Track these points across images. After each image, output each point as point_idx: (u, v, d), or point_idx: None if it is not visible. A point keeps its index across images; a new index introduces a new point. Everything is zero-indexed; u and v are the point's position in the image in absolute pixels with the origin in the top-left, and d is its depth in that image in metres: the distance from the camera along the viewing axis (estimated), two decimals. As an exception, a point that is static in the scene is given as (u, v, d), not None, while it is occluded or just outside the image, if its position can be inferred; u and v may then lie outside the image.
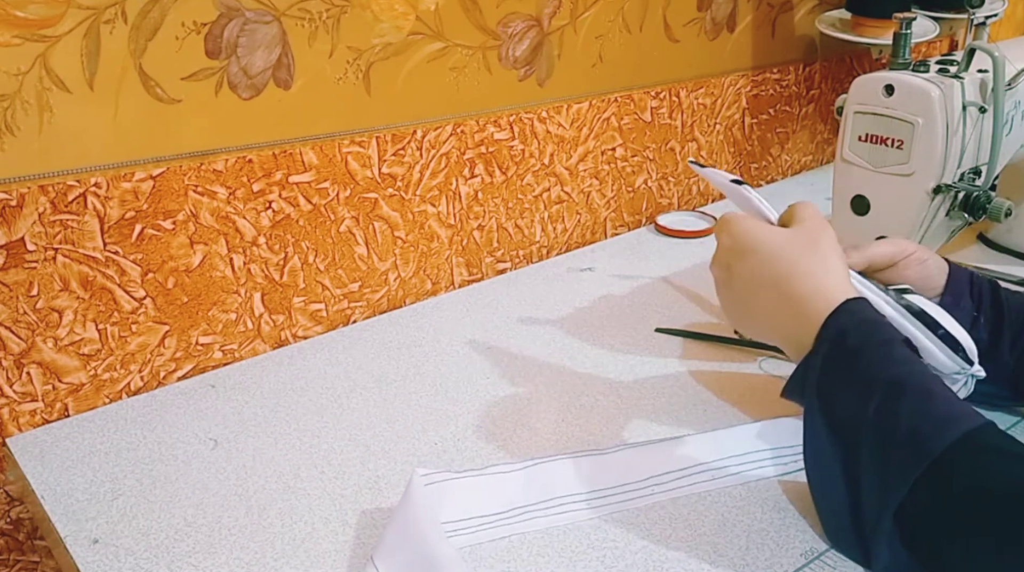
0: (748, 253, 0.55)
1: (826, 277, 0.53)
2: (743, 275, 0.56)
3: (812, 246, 0.54)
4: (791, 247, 0.54)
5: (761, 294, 0.55)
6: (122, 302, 0.71)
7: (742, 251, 0.56)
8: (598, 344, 0.79)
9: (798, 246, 0.54)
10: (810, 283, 0.53)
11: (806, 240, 0.55)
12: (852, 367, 0.50)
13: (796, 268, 0.53)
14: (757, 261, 0.55)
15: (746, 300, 0.57)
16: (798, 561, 0.52)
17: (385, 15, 0.78)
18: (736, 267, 0.56)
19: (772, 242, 0.55)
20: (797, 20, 1.18)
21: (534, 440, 0.65)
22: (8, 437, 0.67)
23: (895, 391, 0.47)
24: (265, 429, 0.67)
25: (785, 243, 0.55)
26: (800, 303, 0.53)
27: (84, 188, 0.66)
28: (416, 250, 0.88)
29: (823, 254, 0.54)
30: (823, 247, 0.54)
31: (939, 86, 0.70)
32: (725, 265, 0.58)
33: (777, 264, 0.54)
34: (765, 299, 0.55)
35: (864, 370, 0.49)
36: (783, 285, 0.54)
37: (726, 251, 0.57)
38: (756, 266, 0.55)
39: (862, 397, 0.48)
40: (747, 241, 0.56)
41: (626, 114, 1.02)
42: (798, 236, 0.55)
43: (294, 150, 0.76)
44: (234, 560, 0.54)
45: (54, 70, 0.63)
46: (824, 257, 0.54)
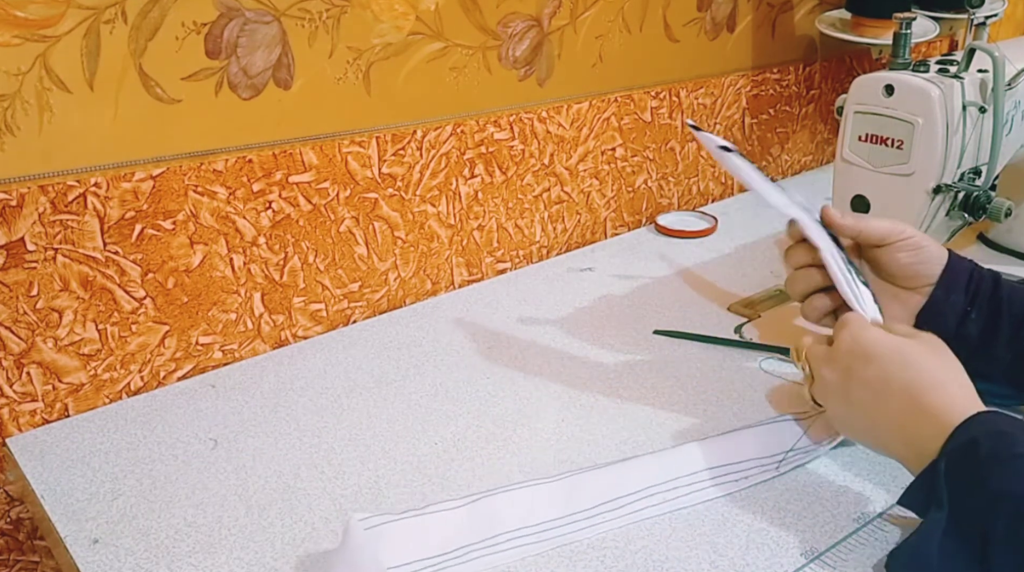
0: (874, 358, 0.54)
1: (959, 390, 0.52)
2: (866, 380, 0.54)
3: (940, 357, 0.54)
4: (922, 357, 0.53)
5: (890, 400, 0.53)
6: (122, 302, 0.71)
7: (867, 356, 0.54)
8: (598, 344, 0.79)
9: (928, 356, 0.53)
10: (943, 394, 0.51)
11: (933, 351, 0.54)
12: (981, 477, 0.47)
13: (929, 378, 0.52)
14: (884, 368, 0.53)
15: (868, 405, 0.54)
16: (798, 561, 0.52)
17: (385, 15, 0.78)
18: (859, 371, 0.55)
19: (902, 350, 0.54)
20: (797, 20, 1.18)
21: (534, 440, 0.65)
22: (8, 437, 0.67)
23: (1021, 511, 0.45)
24: (265, 429, 0.67)
25: (915, 352, 0.53)
26: (932, 412, 0.51)
27: (84, 188, 0.66)
28: (416, 250, 0.88)
29: (952, 367, 0.53)
30: (950, 360, 0.54)
31: (939, 86, 0.70)
32: (844, 368, 0.56)
33: (909, 372, 0.53)
34: (894, 405, 0.53)
35: (994, 482, 0.46)
36: (915, 393, 0.52)
37: (846, 353, 0.56)
38: (884, 373, 0.53)
39: (991, 510, 0.46)
40: (873, 347, 0.54)
41: (626, 114, 1.02)
42: (924, 345, 0.54)
43: (294, 150, 0.76)
44: (234, 560, 0.54)
45: (54, 70, 0.63)
46: (955, 370, 0.53)
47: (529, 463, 0.62)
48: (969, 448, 0.48)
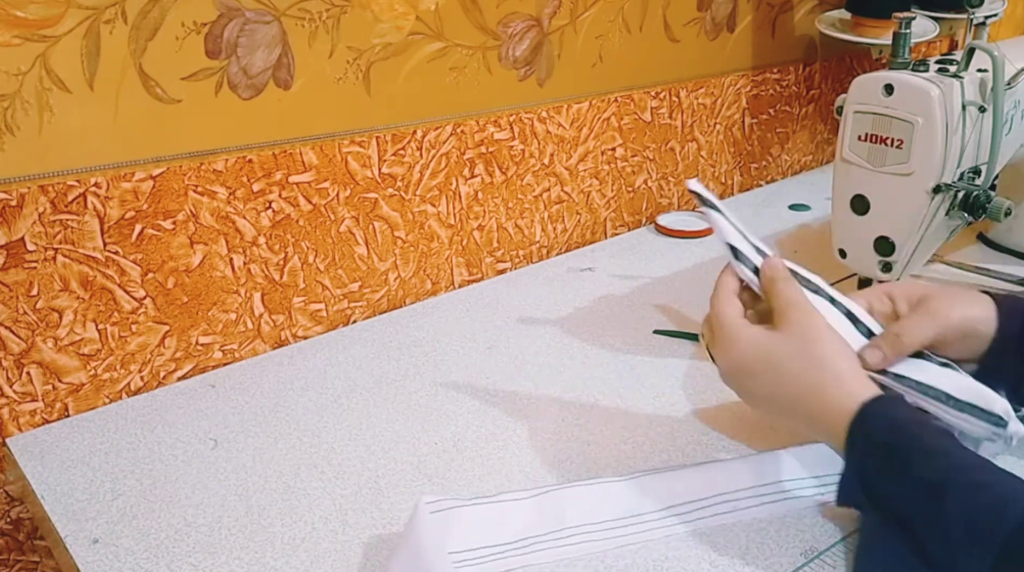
0: (754, 372, 0.53)
1: (837, 386, 0.50)
2: (756, 393, 0.54)
3: (807, 351, 0.52)
4: (790, 360, 0.52)
5: (784, 413, 0.53)
6: (122, 302, 0.71)
7: (748, 372, 0.54)
8: (598, 344, 0.79)
9: (796, 357, 0.52)
10: (822, 398, 0.51)
11: (799, 344, 0.52)
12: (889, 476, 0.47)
13: (801, 384, 0.51)
14: (764, 380, 0.53)
15: (774, 416, 0.55)
16: (798, 561, 0.52)
17: (385, 15, 0.78)
18: (748, 386, 0.54)
19: (770, 357, 0.52)
20: (797, 20, 1.18)
21: (534, 440, 0.65)
22: (8, 437, 0.67)
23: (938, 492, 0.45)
24: (265, 429, 0.67)
25: (782, 355, 0.52)
26: (820, 419, 0.51)
27: (84, 188, 0.66)
28: (416, 250, 0.88)
29: (821, 359, 0.51)
30: (819, 350, 0.51)
31: (939, 85, 0.70)
32: (737, 384, 0.55)
33: (783, 384, 0.52)
34: (789, 418, 0.53)
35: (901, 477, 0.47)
36: (799, 404, 0.52)
37: (731, 371, 0.55)
38: (765, 385, 0.53)
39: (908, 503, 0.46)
40: (746, 359, 0.53)
41: (626, 114, 1.02)
42: (790, 341, 0.52)
43: (294, 150, 0.76)
44: (234, 560, 0.54)
45: (54, 70, 0.63)
46: (824, 361, 0.51)
47: (529, 463, 0.62)
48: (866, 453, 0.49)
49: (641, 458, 0.62)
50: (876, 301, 0.58)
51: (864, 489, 0.49)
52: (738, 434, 0.65)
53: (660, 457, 0.62)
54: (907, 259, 0.76)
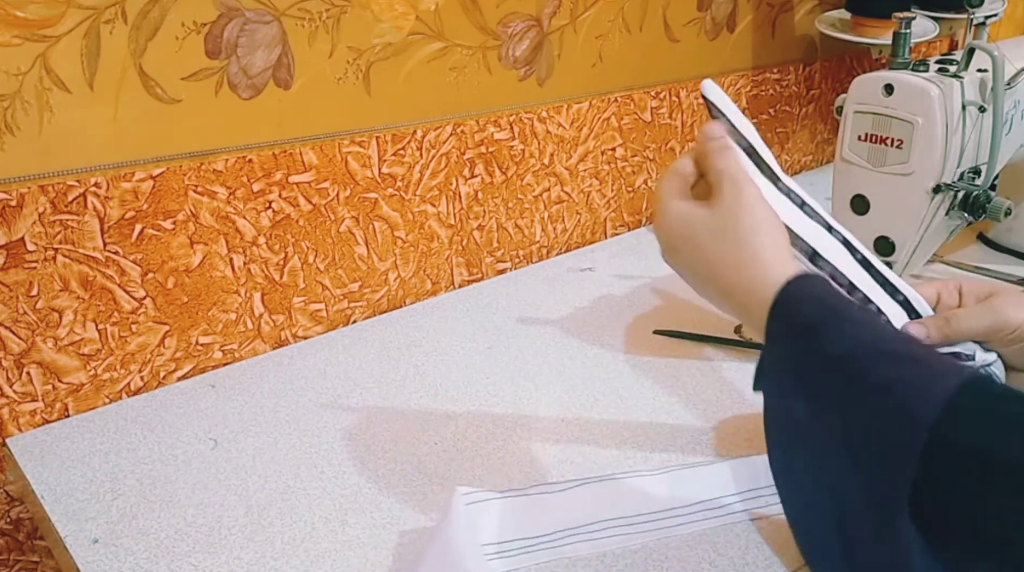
0: (679, 248, 0.51)
1: (755, 265, 0.48)
2: (683, 270, 0.53)
3: (731, 227, 0.49)
4: (712, 235, 0.49)
5: (706, 290, 0.52)
6: (122, 302, 0.71)
7: (675, 247, 0.52)
8: (598, 344, 0.79)
9: (718, 233, 0.49)
10: (741, 275, 0.48)
11: (725, 219, 0.49)
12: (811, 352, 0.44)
13: (722, 261, 0.49)
14: (688, 256, 0.51)
15: (700, 292, 0.53)
16: (798, 560, 0.52)
17: (385, 15, 0.78)
18: (676, 263, 0.53)
19: (694, 232, 0.50)
20: (797, 20, 1.18)
21: (534, 440, 0.65)
22: (8, 437, 0.67)
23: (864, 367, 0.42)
24: (265, 429, 0.67)
25: (705, 231, 0.50)
26: (739, 296, 0.49)
27: (84, 188, 0.66)
28: (416, 250, 0.88)
29: (744, 233, 0.48)
30: (743, 223, 0.48)
31: (938, 85, 0.70)
32: (670, 261, 0.54)
33: (705, 259, 0.50)
34: (711, 295, 0.52)
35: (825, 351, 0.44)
36: (718, 282, 0.50)
37: (664, 247, 0.53)
38: (690, 261, 0.51)
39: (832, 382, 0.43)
40: (674, 235, 0.52)
41: (626, 114, 1.02)
42: (716, 216, 0.50)
43: (294, 150, 0.76)
44: (234, 560, 0.54)
45: (54, 70, 0.63)
46: (746, 237, 0.48)
47: (529, 463, 0.62)
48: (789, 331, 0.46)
49: (641, 458, 0.62)
50: (945, 293, 0.56)
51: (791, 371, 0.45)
52: (738, 434, 0.65)
53: (660, 457, 0.62)
54: (907, 259, 0.76)
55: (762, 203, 0.50)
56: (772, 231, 0.49)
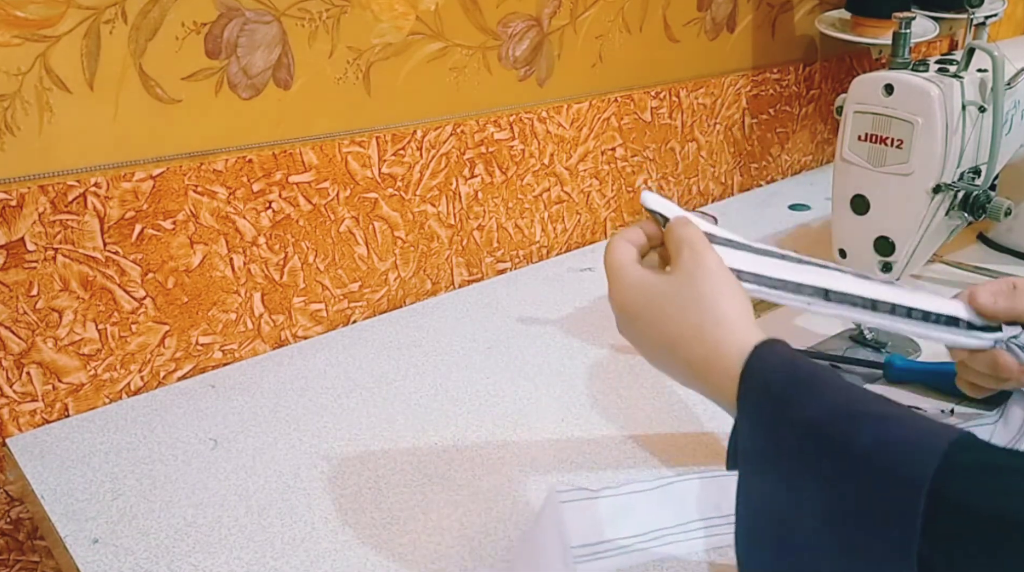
0: (636, 318, 0.48)
1: (717, 330, 0.45)
2: (642, 342, 0.49)
3: (692, 293, 0.46)
4: (672, 302, 0.46)
5: (666, 362, 0.48)
6: (122, 302, 0.71)
7: (632, 316, 0.49)
8: (598, 344, 0.79)
9: (679, 298, 0.46)
10: (704, 345, 0.45)
11: (685, 285, 0.46)
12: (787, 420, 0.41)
13: (683, 330, 0.46)
14: (648, 327, 0.48)
15: (659, 366, 0.50)
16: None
17: (385, 15, 0.78)
18: (633, 334, 0.50)
19: (654, 299, 0.47)
20: (797, 20, 1.18)
21: (534, 440, 0.65)
22: (8, 437, 0.67)
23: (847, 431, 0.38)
24: (265, 429, 0.67)
25: (665, 299, 0.47)
26: (703, 370, 0.45)
27: (84, 188, 0.66)
28: (416, 250, 0.88)
29: (707, 299, 0.45)
30: (704, 289, 0.46)
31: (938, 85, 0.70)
32: (626, 332, 0.51)
33: (666, 329, 0.47)
34: (672, 368, 0.48)
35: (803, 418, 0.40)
36: (680, 353, 0.46)
37: (619, 316, 0.50)
38: (649, 333, 0.48)
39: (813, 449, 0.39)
40: (631, 304, 0.48)
41: (626, 114, 1.02)
42: (675, 282, 0.47)
43: (294, 150, 0.76)
44: (234, 560, 0.54)
45: (54, 70, 0.63)
46: (709, 303, 0.45)
47: (529, 463, 0.62)
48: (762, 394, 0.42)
49: (641, 458, 0.62)
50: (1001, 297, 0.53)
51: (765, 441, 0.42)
52: (738, 434, 0.65)
53: (660, 457, 0.62)
54: (907, 259, 0.76)
55: (723, 268, 0.47)
56: (735, 296, 0.46)
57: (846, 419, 0.39)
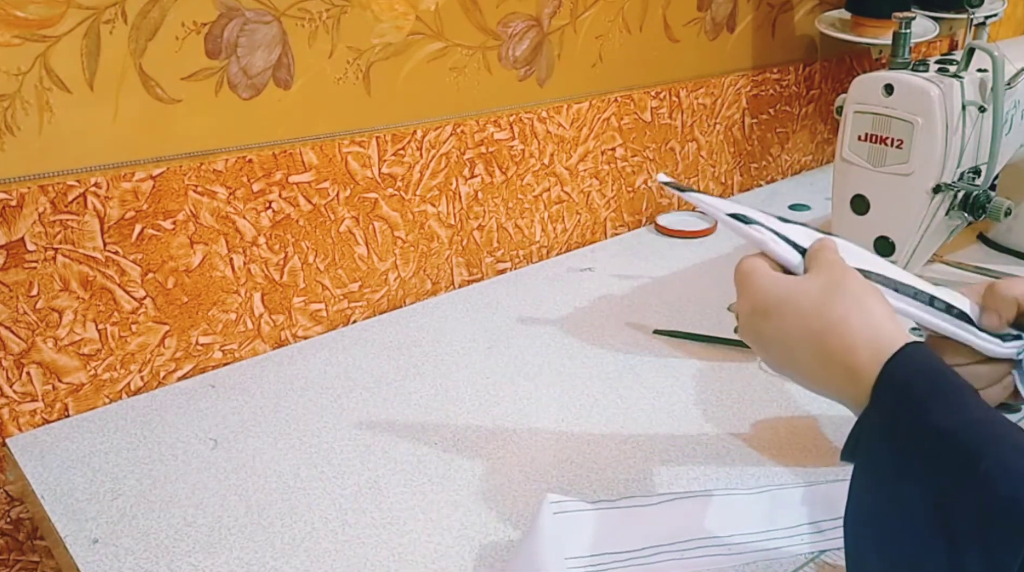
0: (771, 312, 0.49)
1: (865, 319, 0.45)
2: (773, 336, 0.49)
3: (837, 287, 0.47)
4: (816, 295, 0.47)
5: (799, 354, 0.48)
6: (122, 302, 0.71)
7: (765, 311, 0.49)
8: (598, 344, 0.79)
9: (824, 292, 0.47)
10: (849, 333, 0.45)
11: (830, 283, 0.48)
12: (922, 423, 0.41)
13: (827, 318, 0.46)
14: (783, 319, 0.48)
15: (787, 362, 0.50)
16: (798, 561, 0.52)
17: (385, 15, 0.78)
18: (764, 328, 0.49)
19: (794, 294, 0.48)
20: (797, 20, 1.18)
21: (534, 440, 0.65)
22: (8, 437, 0.67)
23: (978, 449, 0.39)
24: (265, 429, 0.67)
25: (808, 292, 0.48)
26: (843, 357, 0.45)
27: (84, 188, 0.66)
28: (416, 250, 0.88)
29: (854, 293, 0.47)
30: (850, 285, 0.47)
31: (938, 85, 0.70)
32: (754, 329, 0.50)
33: (806, 318, 0.47)
34: (804, 359, 0.48)
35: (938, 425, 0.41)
36: (819, 341, 0.46)
37: (748, 315, 0.50)
38: (783, 324, 0.48)
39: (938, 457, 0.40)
40: (766, 299, 0.49)
41: (626, 114, 1.02)
42: (819, 280, 0.48)
43: (294, 150, 0.76)
44: (234, 560, 0.54)
45: (54, 70, 0.63)
46: (856, 296, 0.46)
47: (529, 463, 0.62)
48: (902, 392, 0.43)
49: (641, 458, 0.62)
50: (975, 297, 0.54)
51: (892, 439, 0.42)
52: (739, 434, 0.65)
53: (660, 457, 0.62)
54: (907, 259, 0.76)
55: (864, 278, 0.48)
56: (881, 297, 0.47)
57: (977, 438, 0.39)
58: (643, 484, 0.59)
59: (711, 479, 0.60)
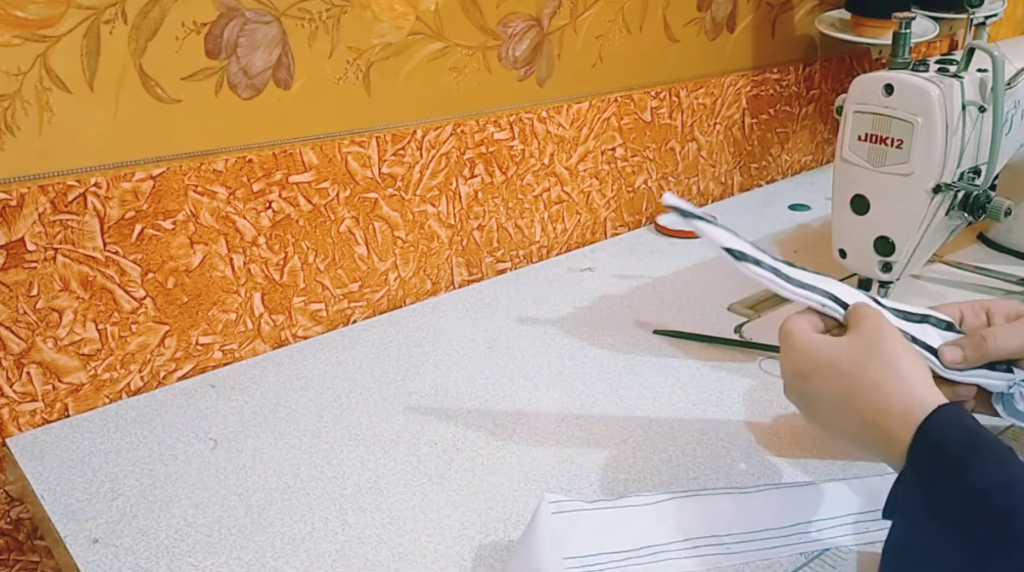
0: (812, 374, 0.50)
1: (899, 384, 0.47)
2: (814, 398, 0.51)
3: (874, 351, 0.48)
4: (853, 359, 0.49)
5: (837, 417, 0.50)
6: (122, 302, 0.71)
7: (806, 374, 0.51)
8: (598, 344, 0.79)
9: (860, 356, 0.48)
10: (882, 396, 0.47)
11: (866, 346, 0.49)
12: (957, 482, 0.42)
13: (862, 382, 0.48)
14: (822, 382, 0.50)
15: (828, 423, 0.51)
16: (798, 561, 0.52)
17: (385, 15, 0.78)
18: (806, 391, 0.51)
19: (831, 357, 0.49)
20: (797, 20, 1.18)
21: (534, 440, 0.65)
22: (8, 437, 0.67)
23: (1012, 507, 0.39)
24: (265, 429, 0.67)
25: (845, 355, 0.49)
26: (878, 419, 0.47)
27: (84, 188, 0.66)
28: (416, 250, 0.88)
29: (889, 357, 0.48)
30: (886, 349, 0.48)
31: (938, 85, 0.70)
32: (797, 391, 0.52)
33: (843, 381, 0.49)
34: (843, 421, 0.49)
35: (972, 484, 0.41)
36: (855, 404, 0.48)
37: (792, 377, 0.52)
38: (823, 388, 0.50)
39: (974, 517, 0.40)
40: (807, 361, 0.51)
41: (626, 114, 1.02)
42: (856, 342, 0.49)
43: (294, 150, 0.76)
44: (234, 560, 0.54)
45: (54, 70, 0.63)
46: (891, 361, 0.48)
47: (529, 463, 0.62)
48: (935, 451, 0.44)
49: (641, 458, 0.62)
50: (970, 313, 0.55)
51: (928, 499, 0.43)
52: (739, 434, 0.65)
53: (660, 457, 0.62)
54: (907, 259, 0.76)
55: (902, 338, 0.50)
56: (916, 360, 0.49)
57: (1012, 494, 0.40)
58: (642, 484, 0.59)
59: (711, 479, 0.60)
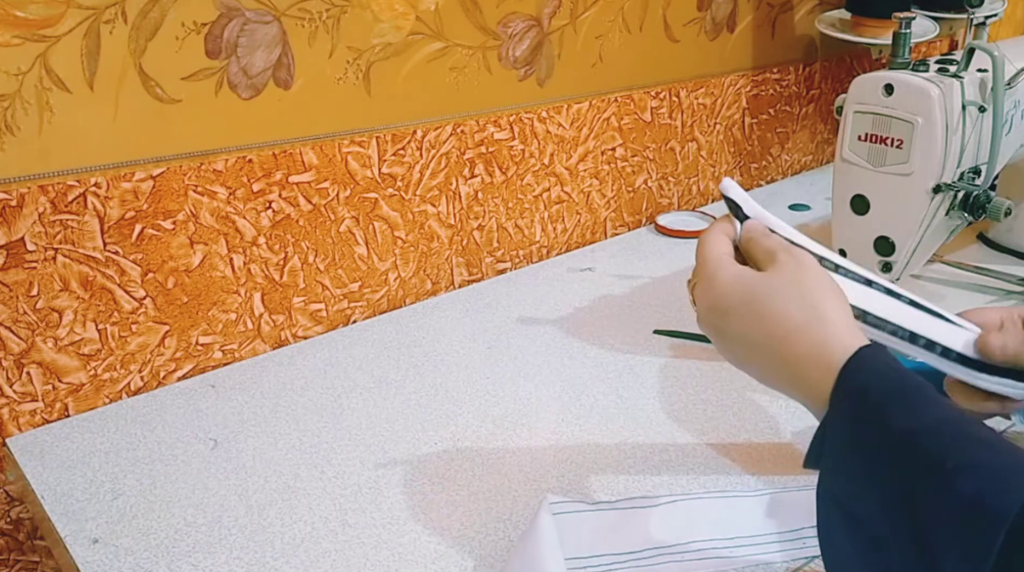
0: (730, 312, 0.47)
1: (820, 328, 0.44)
2: (731, 336, 0.48)
3: (798, 292, 0.46)
4: (773, 299, 0.46)
5: (756, 357, 0.47)
6: (122, 302, 0.71)
7: (724, 311, 0.47)
8: (598, 344, 0.79)
9: (780, 296, 0.46)
10: (807, 340, 0.45)
11: (785, 284, 0.46)
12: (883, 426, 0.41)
13: (785, 325, 0.45)
14: (740, 322, 0.47)
15: (744, 362, 0.48)
16: (798, 563, 0.52)
17: (385, 15, 0.78)
18: (723, 327, 0.48)
19: (751, 296, 0.47)
20: (797, 20, 1.18)
21: (534, 440, 0.65)
22: (8, 437, 0.67)
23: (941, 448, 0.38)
24: (265, 429, 0.67)
25: (765, 295, 0.46)
26: (801, 365, 0.45)
27: (84, 188, 0.66)
28: (416, 250, 0.88)
29: (811, 299, 0.45)
30: (808, 290, 0.46)
31: (938, 85, 0.70)
32: (713, 326, 0.49)
33: (763, 324, 0.46)
34: (762, 362, 0.47)
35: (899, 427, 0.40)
36: (775, 346, 0.45)
37: (708, 311, 0.49)
38: (741, 327, 0.47)
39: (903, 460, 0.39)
40: (724, 298, 0.48)
41: (626, 114, 1.02)
42: (776, 281, 0.47)
43: (294, 150, 0.76)
44: (234, 560, 0.54)
45: (54, 70, 0.63)
46: (813, 302, 0.45)
47: (529, 463, 0.62)
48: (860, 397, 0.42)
49: (641, 458, 0.62)
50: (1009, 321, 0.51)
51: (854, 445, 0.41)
52: (739, 434, 0.65)
53: (660, 457, 0.62)
54: (907, 259, 0.76)
55: (821, 269, 0.47)
56: (837, 296, 0.46)
57: (941, 436, 0.39)
58: (643, 485, 0.59)
59: (711, 480, 0.60)
